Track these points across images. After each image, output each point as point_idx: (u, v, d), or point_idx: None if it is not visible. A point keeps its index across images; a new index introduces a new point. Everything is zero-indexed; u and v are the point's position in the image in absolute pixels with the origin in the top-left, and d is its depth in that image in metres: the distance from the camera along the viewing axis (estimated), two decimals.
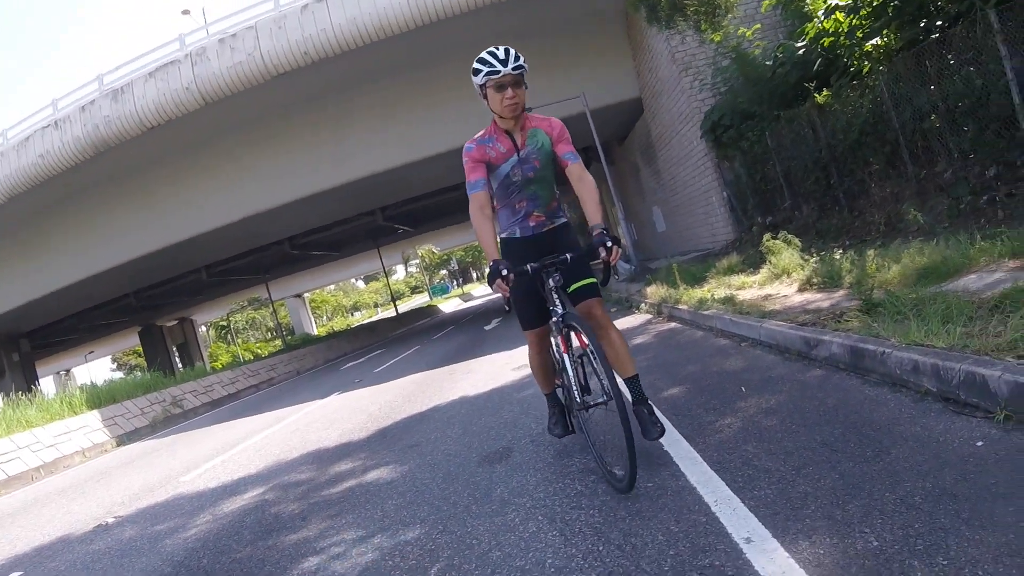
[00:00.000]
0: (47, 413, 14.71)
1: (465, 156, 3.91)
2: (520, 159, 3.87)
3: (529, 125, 3.97)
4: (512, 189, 3.96)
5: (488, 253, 3.56)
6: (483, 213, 3.71)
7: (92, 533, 5.92)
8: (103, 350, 68.41)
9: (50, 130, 20.77)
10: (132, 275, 28.16)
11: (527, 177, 3.90)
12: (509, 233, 4.11)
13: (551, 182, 4.06)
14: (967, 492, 2.49)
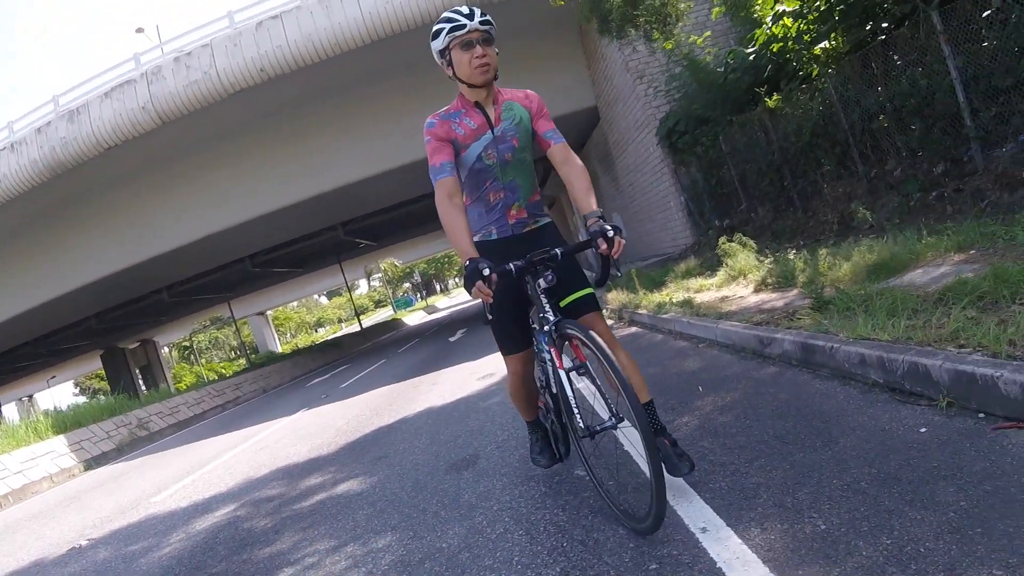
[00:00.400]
0: (12, 439, 14.57)
1: (427, 133, 3.26)
2: (495, 137, 3.24)
3: (502, 98, 3.33)
4: (485, 176, 3.28)
5: (462, 250, 2.89)
6: (452, 202, 3.04)
7: (66, 556, 5.93)
8: (65, 374, 67.39)
9: (6, 153, 20.52)
10: (93, 298, 27.86)
11: (504, 160, 3.25)
12: (483, 235, 3.38)
13: (531, 167, 3.45)
14: (910, 476, 2.63)
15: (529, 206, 3.42)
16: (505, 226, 3.37)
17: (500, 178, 3.29)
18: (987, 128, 7.36)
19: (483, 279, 2.69)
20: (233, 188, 22.52)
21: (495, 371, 9.63)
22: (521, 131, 3.30)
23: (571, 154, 3.30)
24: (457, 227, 2.97)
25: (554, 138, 3.33)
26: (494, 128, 3.25)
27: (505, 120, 3.28)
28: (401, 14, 18.10)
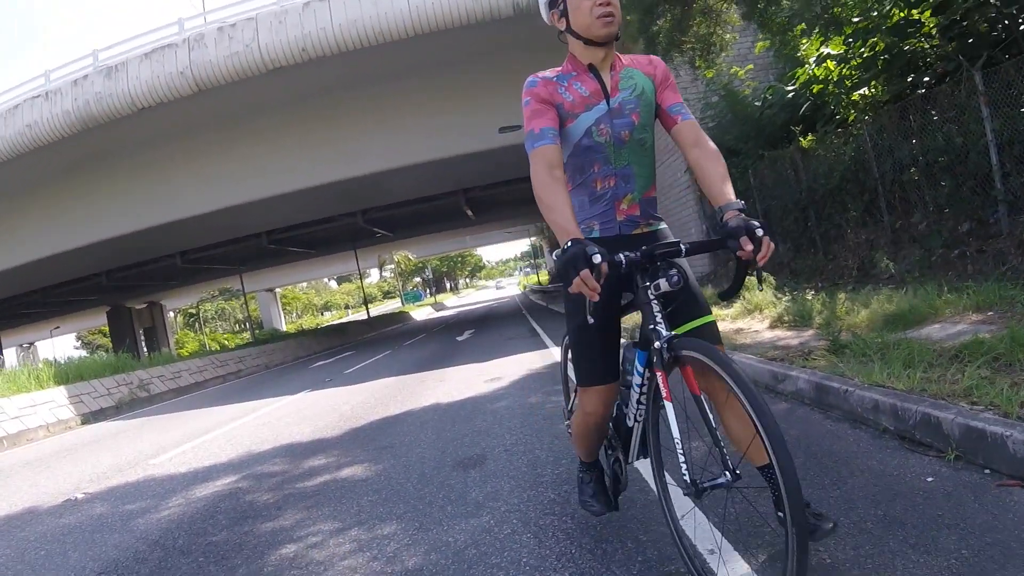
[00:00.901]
0: (13, 385, 14.68)
1: (526, 94, 2.68)
2: (610, 109, 2.55)
3: (621, 64, 2.63)
4: (593, 157, 2.59)
5: (564, 228, 2.23)
6: (552, 174, 2.40)
7: (61, 507, 5.98)
8: (69, 326, 67.72)
9: (40, 101, 20.70)
10: (106, 255, 28.05)
11: (619, 138, 2.56)
12: (582, 230, 2.42)
13: (652, 153, 2.71)
14: (915, 521, 2.70)
15: (643, 202, 2.68)
16: (611, 222, 2.65)
17: (612, 161, 2.58)
18: (1016, 193, 7.38)
19: (591, 267, 2.03)
20: (259, 164, 22.65)
21: (503, 374, 9.69)
22: (643, 105, 2.60)
23: (703, 134, 2.62)
24: (558, 201, 2.32)
25: (683, 113, 2.65)
26: (610, 98, 2.56)
27: (624, 90, 2.58)
28: (446, 11, 18.18)
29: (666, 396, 2.28)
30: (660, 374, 2.31)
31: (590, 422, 2.84)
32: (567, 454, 4.67)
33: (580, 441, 3.06)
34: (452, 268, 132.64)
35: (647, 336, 2.38)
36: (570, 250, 2.06)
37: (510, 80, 21.78)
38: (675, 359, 2.31)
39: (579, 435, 3.02)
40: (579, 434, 3.01)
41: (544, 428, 5.66)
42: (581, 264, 2.02)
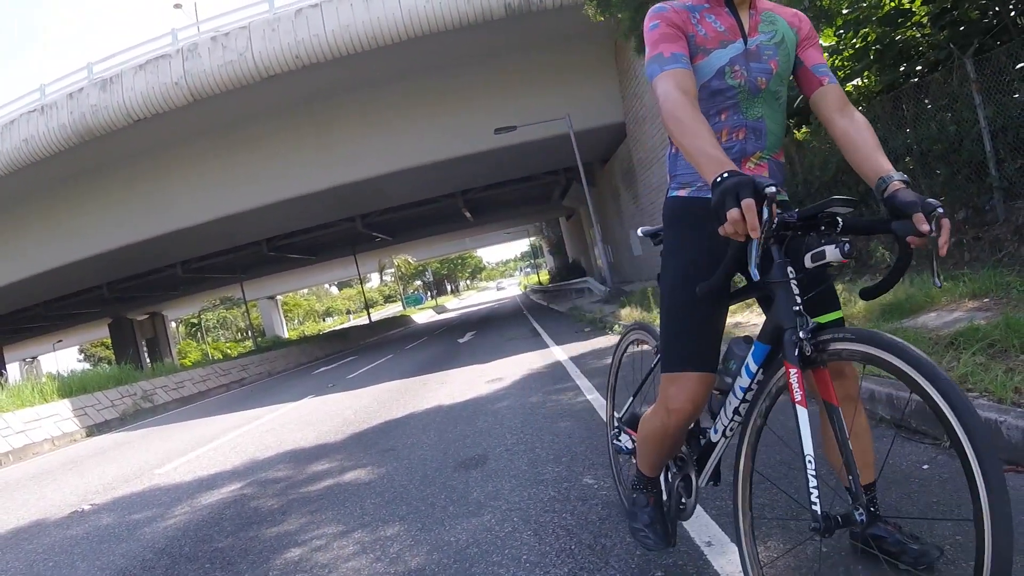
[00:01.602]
0: (18, 399, 14.71)
1: (654, 17, 2.19)
2: (747, 50, 2.17)
3: (762, 5, 2.26)
4: (723, 102, 2.18)
5: (709, 155, 1.78)
6: (685, 96, 1.99)
7: (68, 519, 6.00)
8: (72, 340, 67.83)
9: (36, 115, 20.78)
10: (106, 266, 28.10)
11: (754, 85, 2.16)
12: (696, 188, 2.26)
13: (784, 110, 2.29)
14: (910, 508, 2.73)
15: (773, 163, 2.24)
16: None
17: (744, 110, 2.18)
18: (1011, 180, 7.40)
19: (764, 199, 1.59)
20: (256, 171, 22.72)
21: (504, 375, 9.71)
22: (782, 55, 2.21)
23: (849, 103, 2.19)
24: (701, 126, 1.88)
25: (828, 75, 2.23)
26: (747, 39, 2.18)
27: (763, 34, 2.20)
28: (439, 14, 18.26)
29: (800, 400, 1.80)
30: (795, 372, 1.81)
31: (671, 423, 2.25)
32: (567, 452, 4.70)
33: (649, 449, 2.50)
34: (452, 270, 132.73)
35: (778, 324, 1.91)
36: (730, 179, 1.62)
37: (504, 81, 21.91)
38: (822, 353, 1.83)
39: (650, 441, 2.45)
40: (650, 439, 2.44)
41: (544, 427, 5.69)
42: (746, 193, 1.58)
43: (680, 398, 2.18)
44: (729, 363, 2.26)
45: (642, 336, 3.16)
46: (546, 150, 23.93)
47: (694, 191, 2.25)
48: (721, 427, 2.23)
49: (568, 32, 19.88)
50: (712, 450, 2.31)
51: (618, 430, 3.09)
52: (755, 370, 2.04)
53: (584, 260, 44.61)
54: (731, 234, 1.62)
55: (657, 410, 2.30)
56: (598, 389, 6.93)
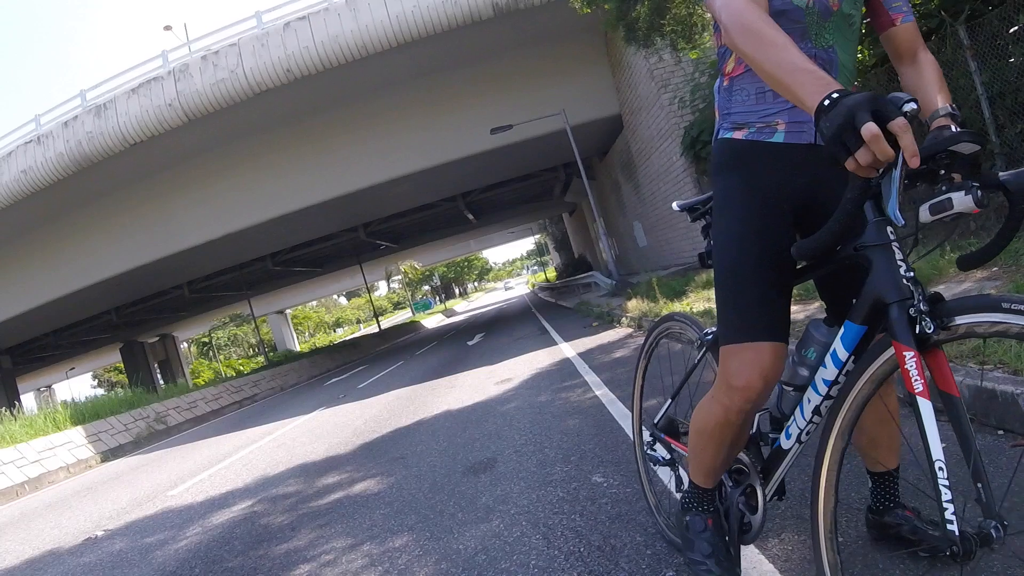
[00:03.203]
0: (31, 429, 14.73)
1: None
2: None
3: None
4: (788, 28, 1.71)
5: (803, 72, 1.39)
6: (758, 6, 1.59)
7: (82, 546, 5.97)
8: (84, 366, 68.08)
9: (32, 146, 20.80)
10: (113, 291, 28.14)
11: (825, 6, 1.78)
12: (756, 130, 1.88)
13: (857, 38, 1.91)
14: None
15: None
16: (805, 123, 1.80)
17: (813, 37, 1.80)
18: (1012, 145, 7.31)
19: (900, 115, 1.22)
20: (256, 187, 22.72)
21: (513, 375, 9.66)
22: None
23: (922, 44, 1.89)
24: (779, 35, 1.48)
25: (903, 13, 1.88)
26: None
27: None
28: (427, 18, 18.23)
29: (921, 392, 1.44)
30: (912, 356, 1.44)
31: (735, 405, 1.82)
32: (576, 450, 4.63)
33: (706, 446, 2.02)
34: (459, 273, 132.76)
35: (878, 297, 1.53)
36: (849, 97, 1.24)
37: (497, 81, 21.87)
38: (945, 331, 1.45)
39: (707, 434, 1.98)
40: (707, 432, 1.97)
41: (553, 426, 5.63)
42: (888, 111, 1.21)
43: (746, 373, 1.77)
44: (806, 351, 1.90)
45: (679, 327, 2.67)
46: (544, 147, 23.88)
47: (753, 133, 1.86)
48: (796, 431, 1.82)
49: (558, 27, 19.83)
50: (781, 459, 1.91)
51: (652, 439, 2.69)
52: (845, 358, 1.65)
53: (589, 254, 44.57)
54: (864, 166, 1.24)
55: (716, 393, 1.91)
56: (607, 384, 6.86)
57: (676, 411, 2.63)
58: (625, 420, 5.05)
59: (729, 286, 1.85)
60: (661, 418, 2.66)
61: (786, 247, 1.74)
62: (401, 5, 18.19)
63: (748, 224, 1.83)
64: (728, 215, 1.89)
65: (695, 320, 2.57)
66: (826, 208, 1.78)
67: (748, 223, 1.83)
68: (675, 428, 2.61)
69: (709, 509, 2.19)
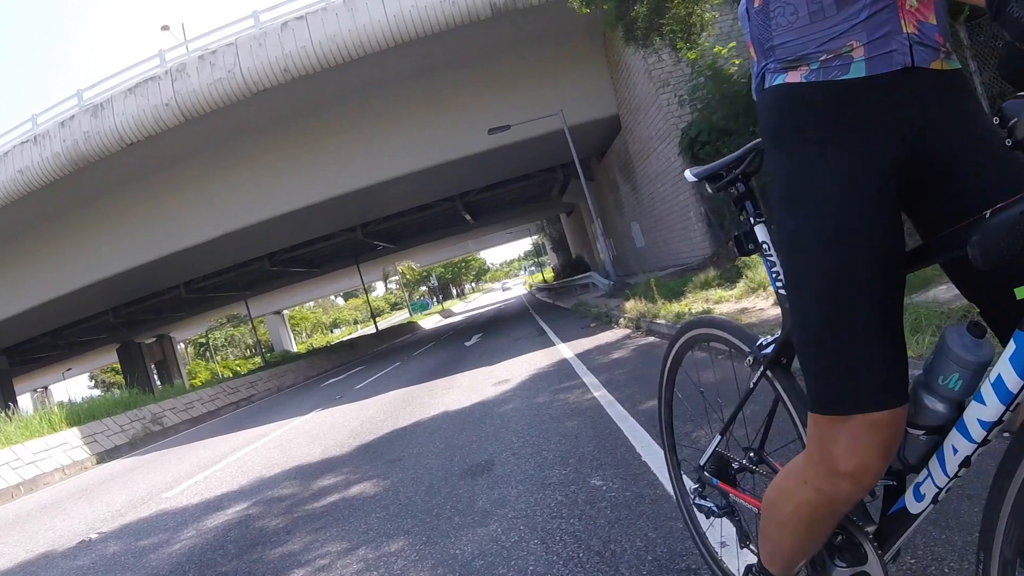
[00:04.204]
0: (26, 430, 14.66)
1: None
2: None
3: None
4: None
5: None
6: None
7: (76, 549, 5.92)
8: (81, 367, 67.94)
9: (29, 146, 20.74)
10: (110, 292, 28.08)
11: None
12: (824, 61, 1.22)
13: None
14: None
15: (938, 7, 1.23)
16: (891, 39, 1.20)
17: None
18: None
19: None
20: (253, 187, 22.67)
21: (511, 376, 9.62)
22: None
23: None
24: None
25: None
26: None
27: None
28: (425, 18, 18.20)
29: None
30: None
31: (841, 495, 1.27)
32: (574, 453, 4.59)
33: (789, 535, 1.43)
34: (457, 274, 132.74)
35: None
36: None
37: (495, 81, 21.83)
38: None
39: (792, 523, 1.40)
40: (792, 520, 1.40)
41: (551, 428, 5.58)
42: None
43: (860, 454, 1.19)
44: (944, 376, 1.22)
45: (709, 336, 2.12)
46: (542, 147, 23.84)
47: (816, 71, 1.23)
48: (932, 491, 1.26)
49: (556, 27, 19.78)
50: (906, 525, 1.33)
51: (700, 485, 2.11)
52: (1017, 389, 1.06)
53: (587, 255, 44.56)
54: None
55: (810, 475, 1.31)
56: (605, 385, 6.82)
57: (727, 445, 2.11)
58: (624, 422, 5.01)
59: (823, 324, 1.23)
60: (709, 457, 2.08)
61: (899, 242, 1.22)
62: (399, 5, 18.16)
63: (841, 222, 1.19)
64: (804, 211, 1.24)
65: (739, 328, 1.98)
66: (949, 162, 1.23)
67: (841, 220, 1.19)
68: (727, 469, 2.03)
69: None
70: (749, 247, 1.66)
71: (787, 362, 1.69)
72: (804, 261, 1.25)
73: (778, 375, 1.72)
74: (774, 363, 1.72)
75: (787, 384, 1.70)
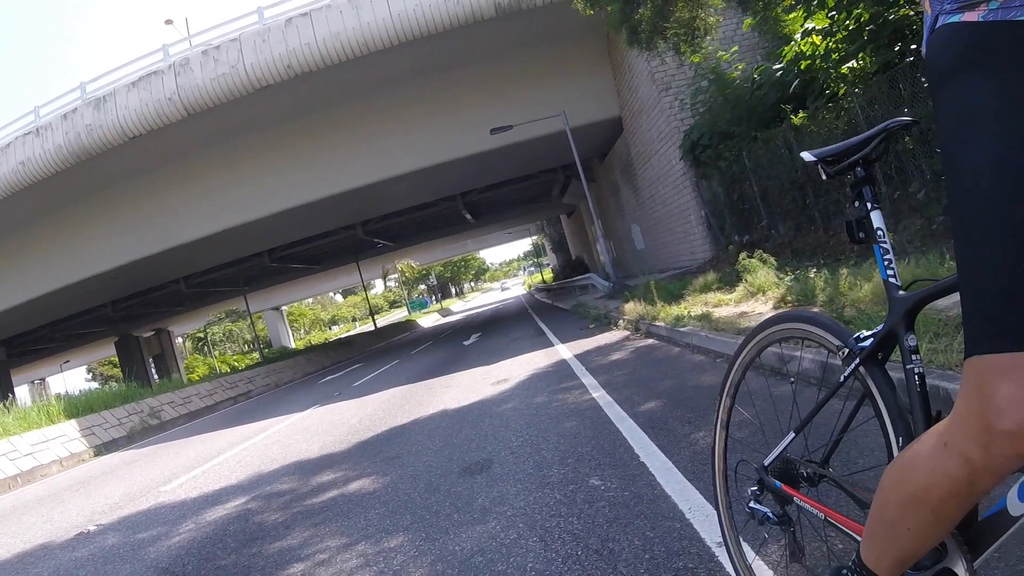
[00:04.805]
0: (24, 421, 14.67)
1: None
2: None
3: None
4: None
5: None
6: None
7: (74, 541, 5.94)
8: (79, 360, 67.90)
9: (31, 137, 20.74)
10: (110, 285, 28.08)
11: None
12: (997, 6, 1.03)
13: None
14: None
15: None
16: None
17: None
18: None
19: None
20: (255, 183, 22.69)
21: (509, 376, 9.64)
22: None
23: None
24: None
25: None
26: None
27: None
28: (430, 17, 18.22)
29: None
30: None
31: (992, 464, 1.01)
32: (573, 453, 4.61)
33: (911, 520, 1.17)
34: (456, 273, 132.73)
35: None
36: None
37: (498, 81, 21.86)
38: None
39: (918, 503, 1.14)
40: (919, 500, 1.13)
41: (550, 428, 5.60)
42: None
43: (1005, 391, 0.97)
44: None
45: (800, 332, 1.86)
46: (543, 148, 23.87)
47: (996, 9, 1.06)
48: None
49: (559, 28, 19.81)
50: (1003, 529, 1.15)
51: (759, 487, 1.95)
52: None
53: (587, 256, 44.58)
54: None
55: (954, 436, 1.06)
56: (604, 386, 6.84)
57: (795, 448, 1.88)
58: (623, 423, 5.04)
59: (994, 252, 1.03)
60: (776, 458, 1.91)
61: None
62: (403, 3, 18.18)
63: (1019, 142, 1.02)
64: (978, 135, 1.07)
65: (834, 321, 1.78)
66: None
67: (1019, 140, 1.02)
68: (794, 474, 1.85)
69: None
70: (860, 235, 1.59)
71: (884, 358, 1.58)
72: (971, 195, 1.07)
73: (873, 371, 1.58)
74: (870, 358, 1.58)
75: (883, 382, 1.55)
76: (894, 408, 1.50)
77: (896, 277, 1.55)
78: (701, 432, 4.34)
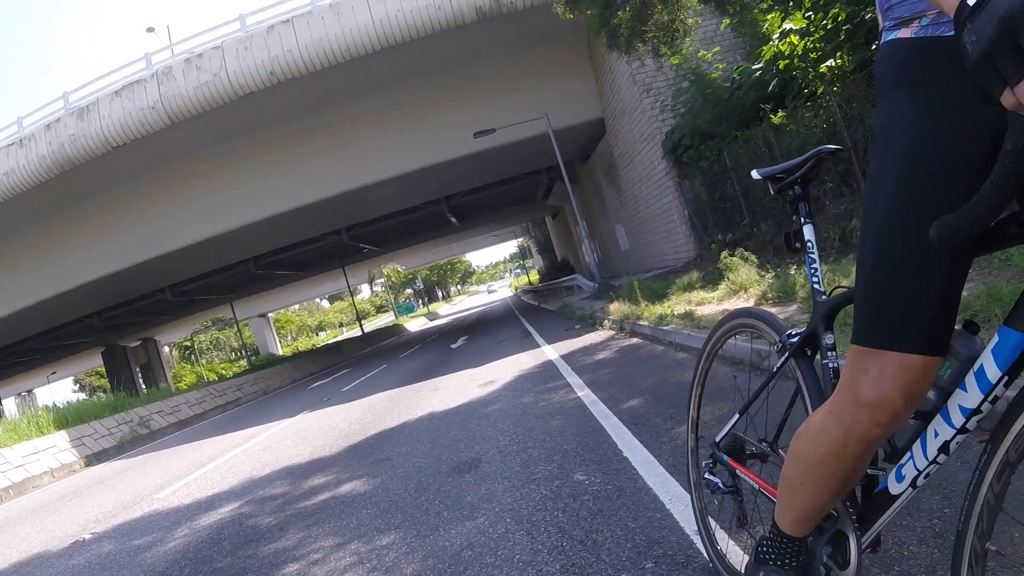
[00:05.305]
0: (14, 433, 14.64)
1: None
2: None
3: None
4: None
5: None
6: None
7: (70, 549, 5.98)
8: (66, 371, 67.53)
9: (15, 148, 20.69)
10: (95, 295, 27.98)
11: None
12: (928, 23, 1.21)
13: None
14: None
15: None
16: None
17: None
18: None
19: None
20: (239, 190, 22.68)
21: (496, 377, 9.72)
22: None
23: None
24: None
25: None
26: None
27: None
28: (411, 22, 18.29)
29: None
30: None
31: (862, 429, 1.31)
32: (559, 450, 4.71)
33: (807, 480, 1.49)
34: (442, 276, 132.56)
35: None
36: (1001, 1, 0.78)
37: (480, 85, 21.94)
38: None
39: (811, 464, 1.46)
40: (813, 461, 1.45)
41: (536, 426, 5.70)
42: None
43: (884, 385, 1.25)
44: None
45: (750, 326, 2.23)
46: (527, 151, 23.96)
47: (926, 26, 1.21)
48: (912, 473, 1.35)
49: (541, 32, 19.92)
50: (886, 506, 1.44)
51: (712, 461, 2.26)
52: (996, 378, 1.16)
53: (572, 257, 44.67)
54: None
55: (835, 408, 1.38)
56: (589, 385, 6.95)
57: (747, 428, 2.18)
58: (607, 420, 5.15)
59: (882, 261, 1.27)
60: (725, 435, 2.21)
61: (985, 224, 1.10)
62: (385, 9, 18.24)
63: (918, 164, 1.20)
64: (889, 152, 1.26)
65: (774, 318, 2.10)
66: None
67: (919, 163, 1.20)
68: (741, 450, 2.16)
69: (792, 564, 1.68)
70: (796, 245, 1.83)
71: (811, 354, 1.83)
72: (875, 205, 1.28)
73: (800, 364, 1.84)
74: (799, 352, 1.85)
75: (808, 374, 1.82)
76: (815, 394, 1.76)
77: (820, 283, 1.81)
78: (682, 427, 4.42)
